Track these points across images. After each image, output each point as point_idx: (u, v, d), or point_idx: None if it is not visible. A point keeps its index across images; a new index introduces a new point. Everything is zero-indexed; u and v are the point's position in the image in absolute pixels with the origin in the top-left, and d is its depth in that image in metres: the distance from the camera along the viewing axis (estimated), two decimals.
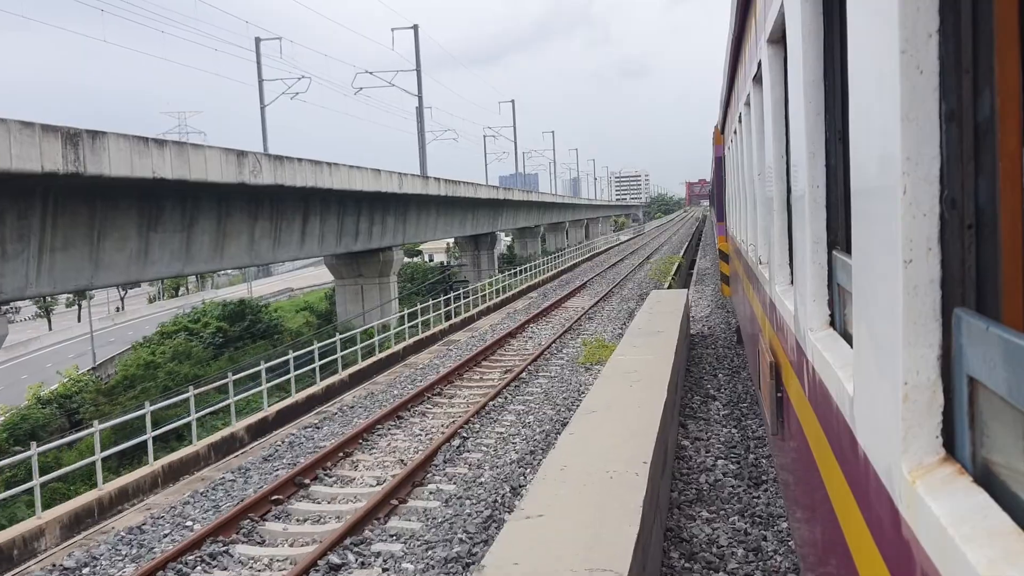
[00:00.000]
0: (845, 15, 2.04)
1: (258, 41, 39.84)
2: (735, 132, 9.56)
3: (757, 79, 5.40)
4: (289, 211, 28.45)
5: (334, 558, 8.07)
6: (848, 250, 2.14)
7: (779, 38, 4.03)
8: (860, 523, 1.95)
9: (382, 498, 9.44)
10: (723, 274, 18.29)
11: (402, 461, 11.39)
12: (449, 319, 29.19)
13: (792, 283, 4.22)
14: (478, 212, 53.56)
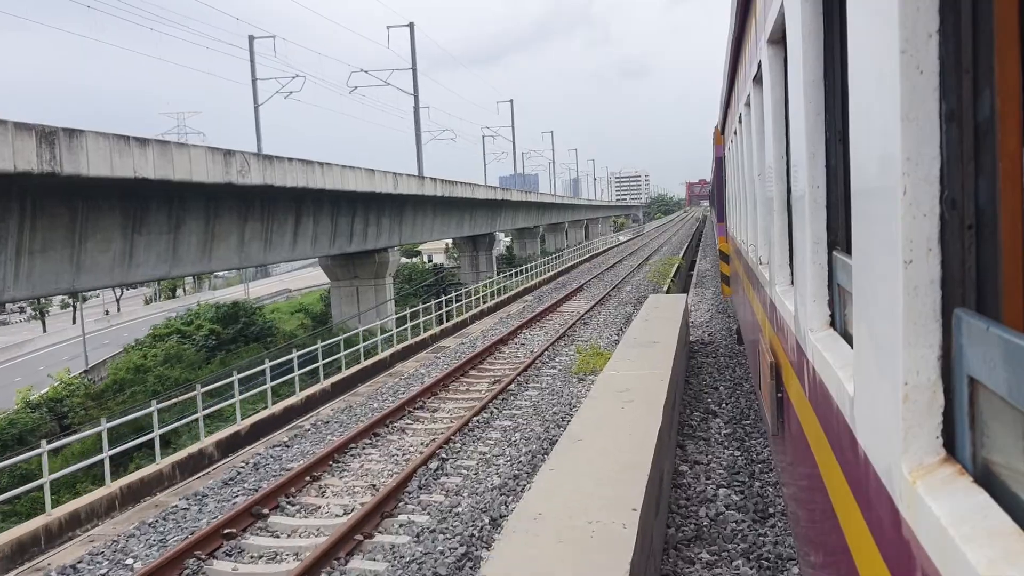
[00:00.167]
0: (845, 15, 2.04)
1: (251, 39, 39.45)
2: (735, 132, 9.57)
3: (757, 79, 5.40)
4: (280, 212, 27.89)
5: None
6: (848, 250, 2.14)
7: (779, 38, 4.03)
8: (860, 523, 1.95)
9: (346, 532, 8.62)
10: (723, 274, 18.29)
11: (374, 487, 10.51)
12: (441, 323, 28.43)
13: (792, 283, 4.22)
14: (476, 213, 53.08)
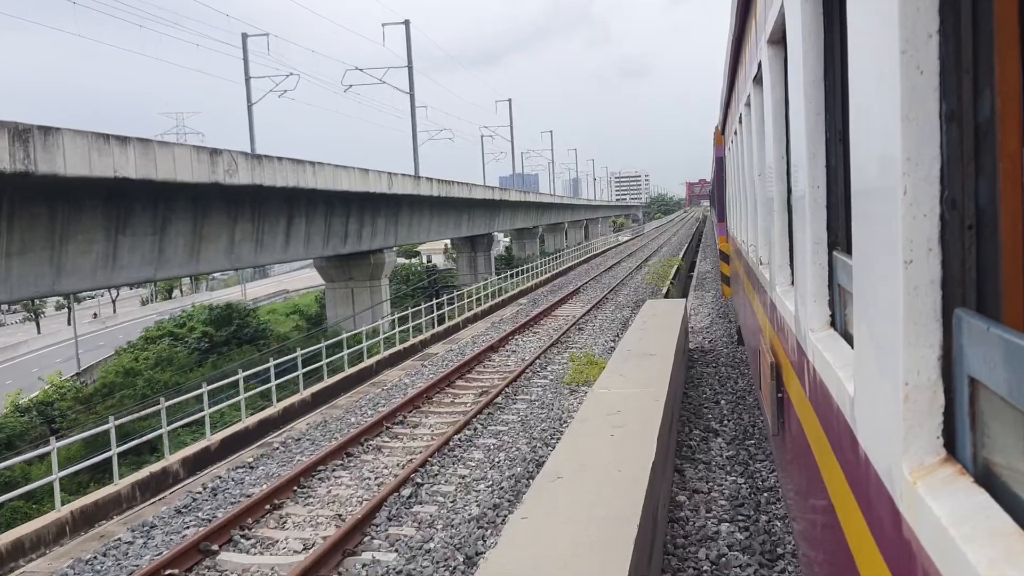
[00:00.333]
0: (845, 16, 2.04)
1: (245, 37, 38.96)
2: (735, 133, 9.57)
3: (757, 80, 5.40)
4: (272, 212, 27.28)
5: None
6: (848, 250, 2.14)
7: (779, 39, 4.03)
8: (861, 523, 1.95)
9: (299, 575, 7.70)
10: (723, 275, 18.29)
11: (339, 516, 9.48)
12: (432, 328, 27.78)
13: (793, 283, 4.22)
14: (474, 213, 52.61)
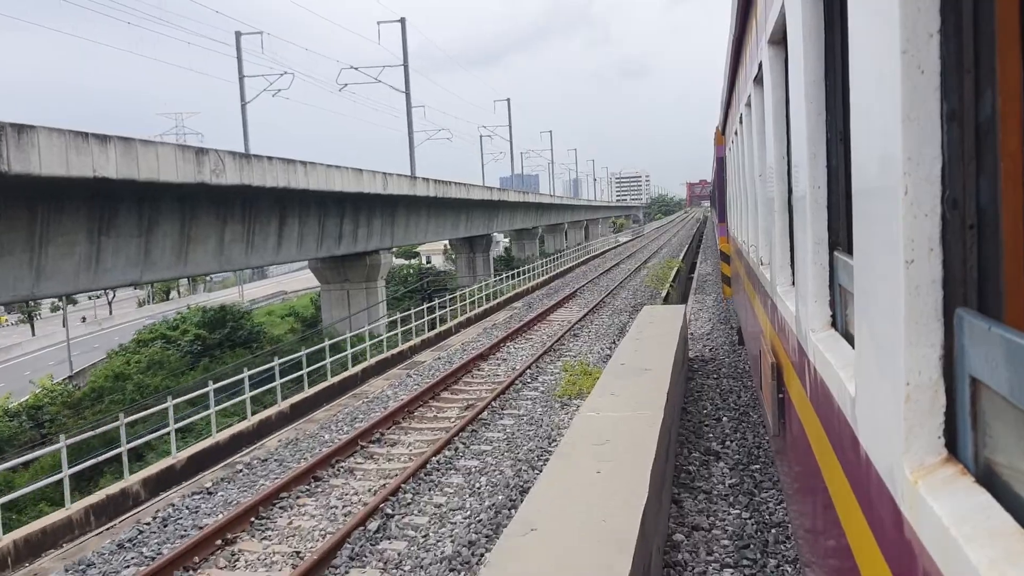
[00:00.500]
0: (846, 16, 2.04)
1: (238, 35, 38.65)
2: (736, 133, 9.57)
3: (758, 80, 5.40)
4: (263, 213, 26.68)
5: None
6: (849, 251, 2.14)
7: (780, 39, 4.03)
8: (862, 523, 1.95)
9: None
10: (724, 275, 18.29)
11: (298, 554, 8.60)
12: (422, 333, 27.17)
13: (793, 284, 4.22)
14: (472, 214, 52.15)
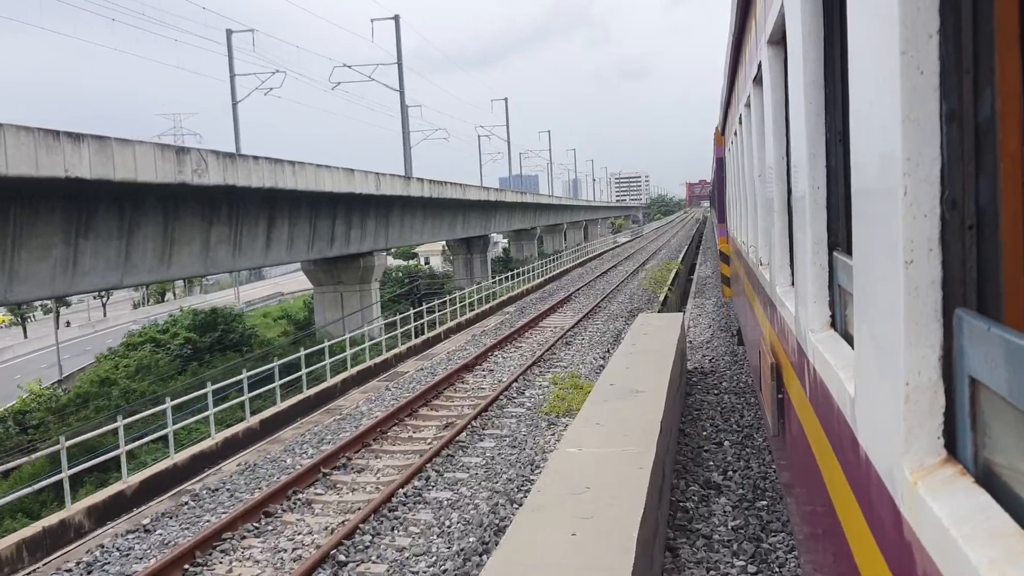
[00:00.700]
0: (845, 16, 2.04)
1: (229, 33, 38.24)
2: (735, 133, 9.57)
3: (757, 80, 5.40)
4: (251, 214, 25.94)
5: None
6: (849, 251, 2.14)
7: (779, 39, 4.03)
8: (862, 524, 1.95)
9: None
10: (724, 276, 18.28)
11: None
12: (410, 340, 26.46)
13: (793, 284, 4.22)
14: (469, 214, 51.58)
